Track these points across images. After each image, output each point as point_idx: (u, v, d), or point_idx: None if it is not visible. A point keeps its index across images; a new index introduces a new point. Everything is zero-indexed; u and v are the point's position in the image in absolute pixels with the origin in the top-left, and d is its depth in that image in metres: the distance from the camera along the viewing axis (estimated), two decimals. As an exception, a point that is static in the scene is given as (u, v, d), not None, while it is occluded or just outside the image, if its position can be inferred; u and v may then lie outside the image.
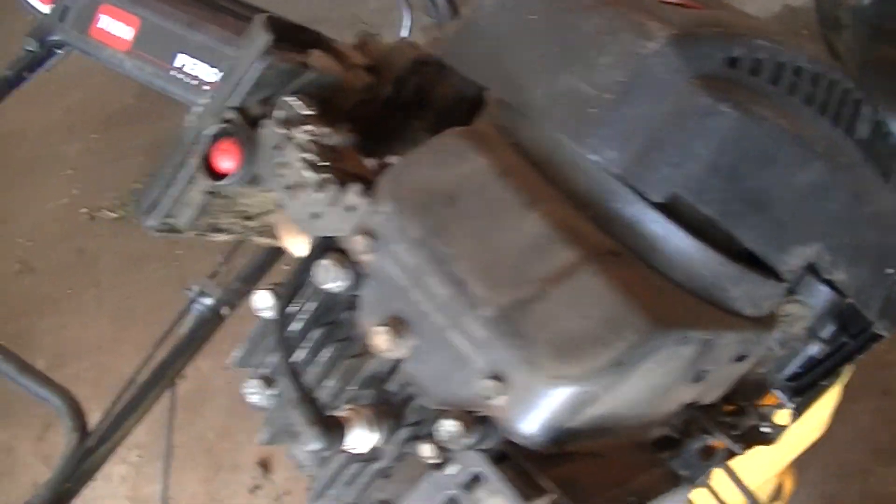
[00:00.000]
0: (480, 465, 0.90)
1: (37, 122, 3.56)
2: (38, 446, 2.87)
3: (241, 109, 1.12)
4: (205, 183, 1.14)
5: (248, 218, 1.25)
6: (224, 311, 2.21)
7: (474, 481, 0.91)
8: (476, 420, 0.91)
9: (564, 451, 0.93)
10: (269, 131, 1.08)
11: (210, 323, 2.23)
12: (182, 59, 2.60)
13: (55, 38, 2.71)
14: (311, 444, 0.97)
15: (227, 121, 1.11)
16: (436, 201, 0.98)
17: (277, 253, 2.26)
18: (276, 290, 1.03)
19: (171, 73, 2.60)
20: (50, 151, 3.59)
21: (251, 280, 2.27)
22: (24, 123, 3.18)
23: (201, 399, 2.49)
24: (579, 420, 0.92)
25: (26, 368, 2.16)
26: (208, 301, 2.21)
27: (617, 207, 0.98)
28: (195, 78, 2.56)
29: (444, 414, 0.92)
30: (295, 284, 1.03)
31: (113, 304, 3.10)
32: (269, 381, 1.07)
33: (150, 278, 3.16)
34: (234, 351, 1.13)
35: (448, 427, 0.91)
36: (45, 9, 2.66)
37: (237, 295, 2.24)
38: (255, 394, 1.08)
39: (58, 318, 2.56)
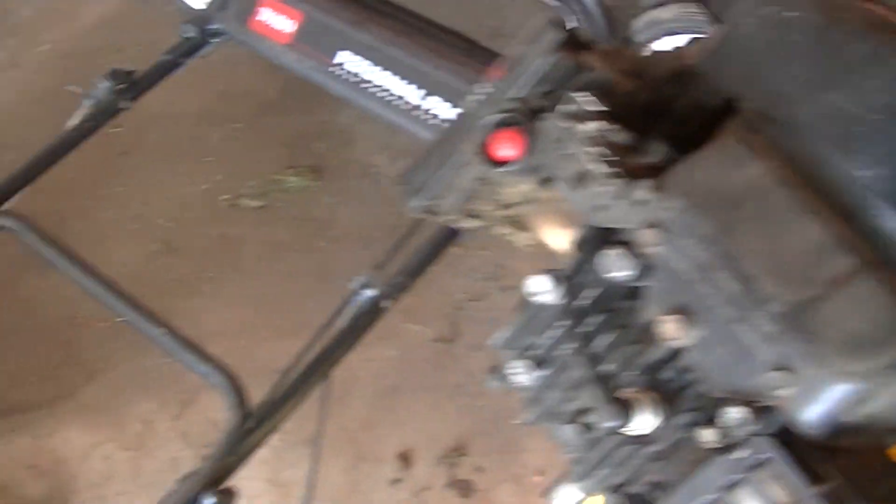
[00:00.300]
0: (770, 450, 0.98)
1: (182, 107, 3.65)
2: (177, 423, 2.96)
3: (524, 101, 1.19)
4: (480, 169, 1.21)
5: (504, 207, 1.33)
6: (384, 304, 2.28)
7: (759, 466, 0.99)
8: (760, 409, 0.99)
9: (833, 444, 1.01)
10: (552, 124, 1.16)
11: (370, 315, 2.29)
12: (344, 56, 2.73)
13: (214, 27, 2.85)
14: (605, 421, 1.04)
15: (510, 110, 1.18)
16: (721, 201, 1.05)
17: (440, 248, 2.33)
18: (556, 275, 1.11)
19: (331, 69, 2.72)
20: (193, 137, 3.67)
21: (413, 274, 2.34)
22: (169, 108, 3.27)
23: (345, 389, 2.57)
24: (851, 416, 0.99)
25: (189, 345, 2.26)
26: (371, 293, 2.26)
27: (878, 222, 1.05)
28: (356, 76, 2.68)
29: (729, 402, 0.99)
30: (574, 271, 1.11)
31: (254, 290, 3.18)
32: (538, 363, 1.15)
33: (292, 268, 3.24)
34: (497, 332, 1.22)
35: (734, 414, 0.99)
36: (200, 4, 2.77)
37: (399, 288, 2.30)
38: (521, 374, 1.16)
39: (198, 301, 2.65)
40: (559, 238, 1.28)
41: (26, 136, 3.59)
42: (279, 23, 2.87)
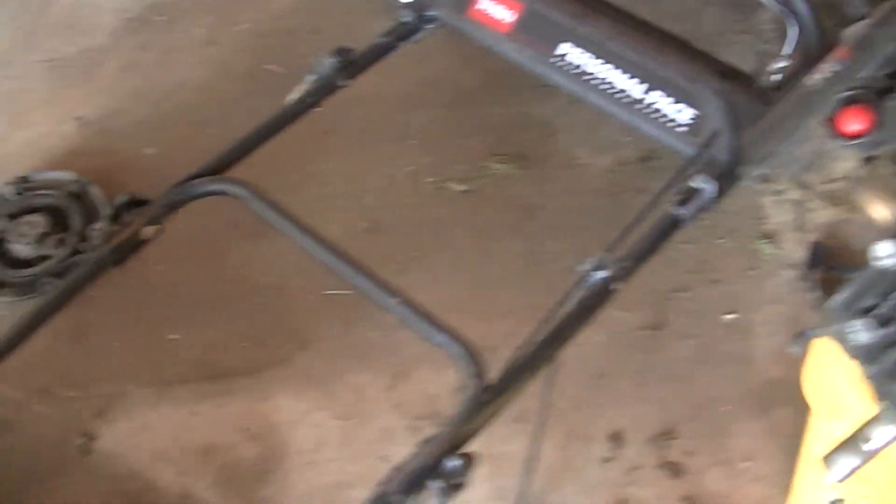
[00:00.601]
0: None
1: (384, 91, 3.78)
2: (389, 395, 3.13)
3: (872, 80, 1.33)
4: (825, 142, 1.35)
5: (829, 181, 1.47)
6: (615, 286, 2.41)
7: None
8: None
9: None
10: (901, 104, 1.30)
11: (600, 297, 2.43)
12: (565, 48, 2.87)
13: (431, 13, 3.01)
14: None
15: (859, 88, 1.32)
16: None
17: (667, 235, 2.47)
18: (904, 242, 1.26)
19: (553, 60, 2.87)
20: (396, 121, 3.82)
21: (641, 258, 2.48)
22: (371, 91, 3.39)
23: (554, 368, 2.69)
24: None
25: (426, 315, 2.41)
26: (602, 275, 2.40)
27: None
28: (577, 68, 2.82)
29: None
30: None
31: (462, 271, 3.33)
32: (882, 322, 1.29)
33: (502, 250, 3.40)
34: (835, 296, 1.36)
35: None
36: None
37: (628, 272, 2.44)
38: (861, 333, 1.30)
39: (407, 278, 2.77)
40: (881, 210, 1.41)
41: (226, 112, 3.81)
42: (498, 13, 3.03)
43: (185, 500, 3.11)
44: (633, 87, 2.85)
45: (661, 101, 2.81)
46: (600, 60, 2.91)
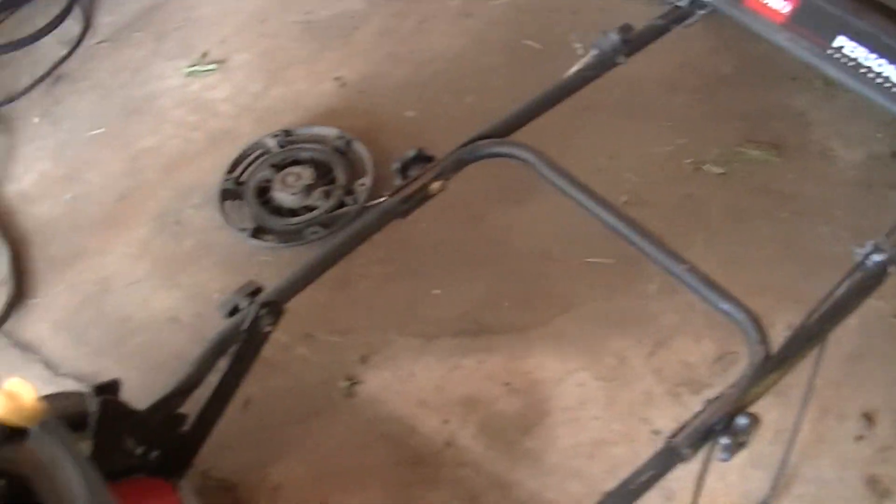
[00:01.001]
0: None
1: (643, 72, 4.03)
2: (649, 361, 3.35)
3: None
4: None
5: None
6: (892, 269, 2.62)
7: None
8: None
9: None
10: None
11: (876, 279, 2.64)
12: (842, 41, 3.06)
13: (704, -1, 3.22)
14: None
15: None
16: None
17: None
18: None
19: (829, 52, 3.07)
20: (656, 102, 4.06)
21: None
22: (631, 71, 3.56)
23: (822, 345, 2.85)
24: None
25: (712, 284, 2.63)
26: (879, 258, 2.61)
27: None
28: (853, 60, 3.02)
29: None
30: None
31: (721, 249, 3.53)
32: None
33: (756, 233, 3.62)
34: None
35: None
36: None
37: (909, 255, 2.63)
38: None
39: None
40: None
41: (484, 83, 4.08)
42: (775, 2, 3.23)
43: (449, 448, 3.37)
44: (911, 83, 3.03)
45: (935, 98, 3.00)
46: (876, 55, 3.08)
